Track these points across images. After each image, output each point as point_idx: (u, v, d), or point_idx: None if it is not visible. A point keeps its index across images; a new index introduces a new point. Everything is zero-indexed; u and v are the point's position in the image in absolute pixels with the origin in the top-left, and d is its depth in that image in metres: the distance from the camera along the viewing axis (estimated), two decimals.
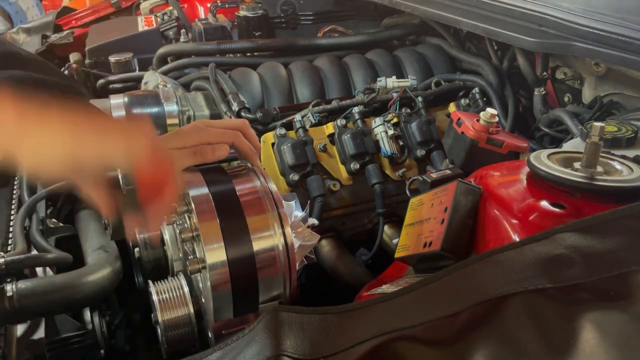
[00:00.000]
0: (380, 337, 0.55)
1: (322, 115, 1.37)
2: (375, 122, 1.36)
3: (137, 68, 1.97)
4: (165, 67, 1.71)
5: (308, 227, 0.91)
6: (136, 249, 1.13)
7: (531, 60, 1.42)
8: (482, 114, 1.17)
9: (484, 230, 0.76)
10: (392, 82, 1.42)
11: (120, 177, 0.83)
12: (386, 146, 1.32)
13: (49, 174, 0.65)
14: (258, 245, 0.78)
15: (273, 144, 1.32)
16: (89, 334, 1.05)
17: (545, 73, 1.39)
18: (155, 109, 1.42)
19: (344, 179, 1.34)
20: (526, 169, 0.79)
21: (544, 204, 0.71)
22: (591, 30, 1.13)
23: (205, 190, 0.81)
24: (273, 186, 0.84)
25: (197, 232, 0.78)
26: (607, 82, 1.29)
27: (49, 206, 1.32)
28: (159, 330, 0.86)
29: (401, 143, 1.38)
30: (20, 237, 1.09)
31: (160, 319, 0.85)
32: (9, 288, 0.93)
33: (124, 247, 1.15)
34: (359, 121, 1.35)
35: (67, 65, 1.86)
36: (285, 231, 0.80)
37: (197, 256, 0.80)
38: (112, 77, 1.88)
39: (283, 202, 0.84)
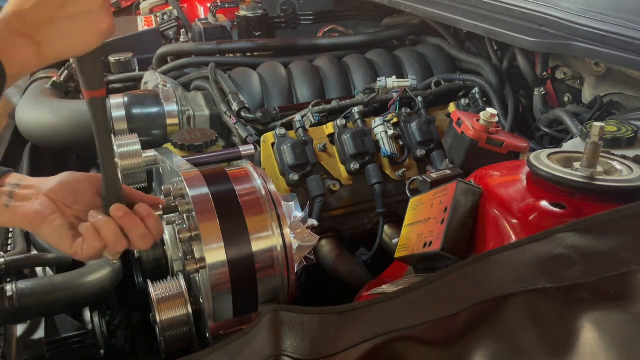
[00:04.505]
0: (380, 337, 0.55)
1: (322, 115, 1.37)
2: (375, 122, 1.36)
3: (137, 68, 1.97)
4: (165, 67, 1.71)
5: (307, 228, 0.91)
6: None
7: (531, 60, 1.42)
8: (482, 114, 1.17)
9: (484, 230, 0.76)
10: (392, 82, 1.42)
11: None
12: (386, 146, 1.32)
13: None
14: (257, 245, 0.78)
15: (273, 144, 1.32)
16: (89, 334, 1.05)
17: (545, 73, 1.39)
18: (155, 109, 1.42)
19: (344, 179, 1.34)
20: (526, 169, 0.79)
21: (544, 204, 0.71)
22: (591, 30, 1.13)
23: (205, 190, 0.81)
24: (272, 187, 0.84)
25: (197, 232, 0.78)
26: (607, 82, 1.29)
27: None
28: (157, 330, 0.86)
29: (401, 143, 1.38)
30: (20, 237, 1.09)
31: (158, 319, 0.85)
32: (9, 288, 0.93)
33: None
34: (359, 121, 1.35)
35: (66, 65, 1.85)
36: (284, 232, 0.80)
37: (197, 256, 0.80)
38: (112, 77, 1.88)
39: (282, 202, 0.84)
